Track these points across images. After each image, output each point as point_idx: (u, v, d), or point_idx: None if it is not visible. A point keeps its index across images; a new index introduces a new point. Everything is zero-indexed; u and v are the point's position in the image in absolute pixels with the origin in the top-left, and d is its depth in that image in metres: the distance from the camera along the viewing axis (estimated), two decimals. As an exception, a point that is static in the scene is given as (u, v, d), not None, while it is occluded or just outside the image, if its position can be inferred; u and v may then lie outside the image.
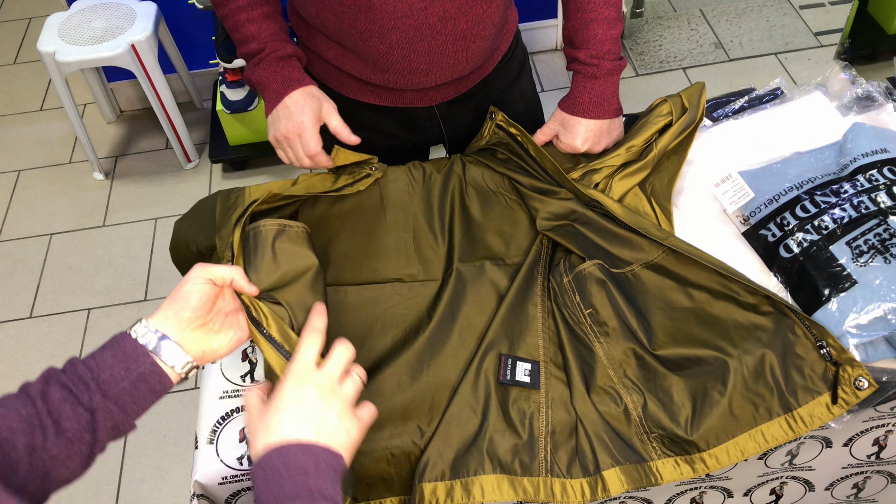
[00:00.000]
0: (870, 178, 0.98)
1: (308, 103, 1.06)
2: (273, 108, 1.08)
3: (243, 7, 1.06)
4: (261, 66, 1.08)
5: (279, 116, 1.07)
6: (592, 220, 1.05)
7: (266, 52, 1.07)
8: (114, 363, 0.69)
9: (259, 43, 1.07)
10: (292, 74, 1.08)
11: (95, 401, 0.67)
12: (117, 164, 2.62)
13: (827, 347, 0.87)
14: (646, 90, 2.68)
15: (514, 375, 0.91)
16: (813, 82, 1.21)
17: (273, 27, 1.08)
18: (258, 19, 1.06)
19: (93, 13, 2.32)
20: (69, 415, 0.65)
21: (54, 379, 0.67)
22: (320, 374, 0.73)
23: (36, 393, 0.65)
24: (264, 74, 1.07)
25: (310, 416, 0.69)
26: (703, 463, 0.86)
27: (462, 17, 1.03)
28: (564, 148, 1.13)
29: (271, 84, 1.07)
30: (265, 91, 1.09)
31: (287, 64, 1.08)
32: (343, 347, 0.76)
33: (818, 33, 2.83)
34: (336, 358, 0.75)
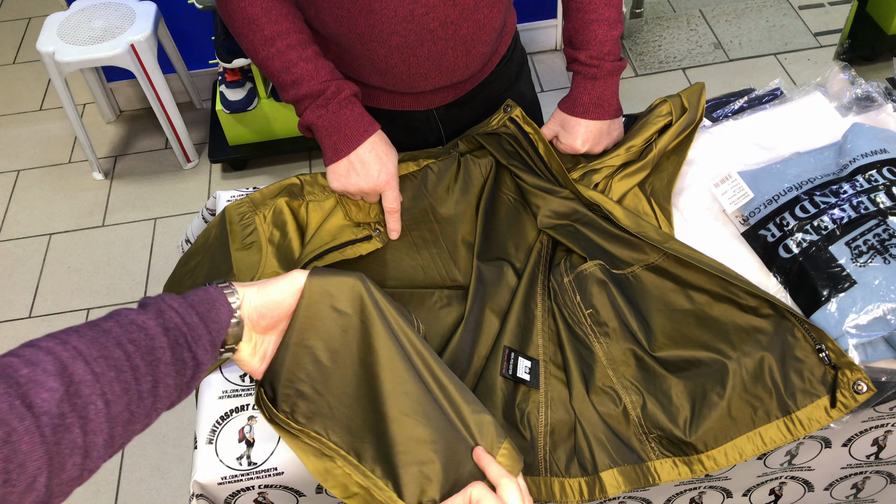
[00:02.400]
0: (869, 179, 0.98)
1: (389, 155, 1.02)
2: (343, 156, 1.00)
3: (293, 45, 0.98)
4: (329, 109, 0.99)
5: (354, 168, 1.00)
6: (593, 220, 1.05)
7: (331, 91, 0.99)
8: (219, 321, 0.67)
9: (319, 82, 0.98)
10: (364, 119, 1.02)
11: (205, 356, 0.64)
12: (117, 164, 2.62)
13: (826, 351, 0.87)
14: (645, 90, 2.68)
15: (515, 371, 0.92)
16: (812, 83, 1.21)
17: (329, 65, 1.01)
18: (313, 58, 0.99)
19: (92, 13, 2.32)
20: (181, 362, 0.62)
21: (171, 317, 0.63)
22: None
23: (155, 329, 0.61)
24: (333, 119, 1.00)
25: None
26: (701, 464, 0.86)
27: (463, 22, 1.02)
28: (564, 149, 1.13)
29: (342, 129, 1.00)
30: (332, 136, 1.00)
31: (356, 106, 1.02)
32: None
33: (817, 34, 2.83)
34: None
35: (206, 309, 0.66)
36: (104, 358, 0.54)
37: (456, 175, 1.14)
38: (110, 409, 0.54)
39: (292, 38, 0.98)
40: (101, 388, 0.53)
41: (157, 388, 0.58)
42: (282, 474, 0.92)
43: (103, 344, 0.55)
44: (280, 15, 0.98)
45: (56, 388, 0.50)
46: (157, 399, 0.59)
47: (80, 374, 0.52)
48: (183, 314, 0.63)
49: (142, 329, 0.59)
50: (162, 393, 0.59)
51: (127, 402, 0.55)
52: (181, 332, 0.62)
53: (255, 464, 0.91)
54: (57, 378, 0.51)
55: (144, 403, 0.57)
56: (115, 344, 0.56)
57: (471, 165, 1.15)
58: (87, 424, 0.52)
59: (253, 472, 0.91)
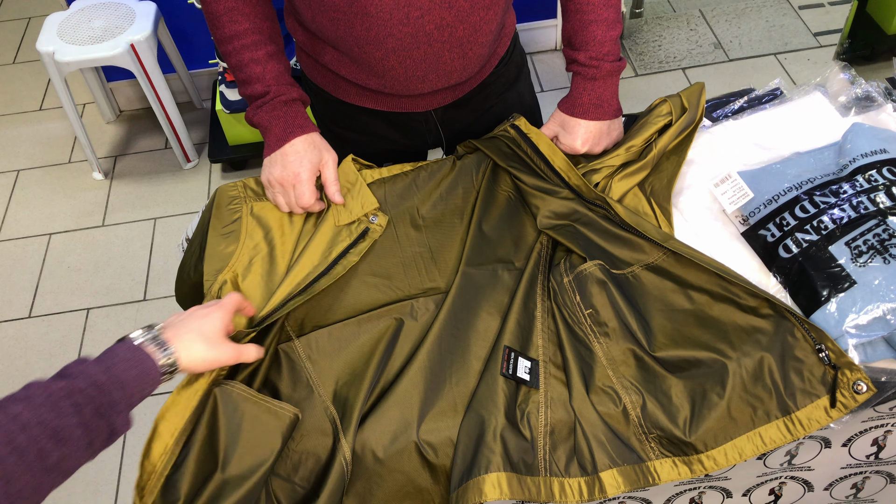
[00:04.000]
0: (869, 179, 0.98)
1: (308, 154, 1.06)
2: (272, 152, 1.07)
3: (248, 46, 1.04)
4: (263, 110, 1.06)
5: (275, 161, 1.06)
6: (593, 220, 1.05)
7: (270, 95, 1.05)
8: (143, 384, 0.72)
9: (263, 85, 1.05)
10: (295, 121, 1.07)
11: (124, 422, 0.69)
12: (116, 164, 2.62)
13: (825, 351, 0.87)
14: (645, 90, 2.68)
15: (515, 371, 0.92)
16: (812, 83, 1.21)
17: (278, 68, 1.06)
18: (263, 60, 1.05)
19: (92, 13, 2.32)
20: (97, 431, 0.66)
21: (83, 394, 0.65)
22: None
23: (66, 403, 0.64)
24: (266, 118, 1.06)
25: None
26: (700, 464, 0.86)
27: (459, 24, 1.02)
28: (564, 149, 1.13)
29: (273, 129, 1.06)
30: (266, 135, 1.08)
31: (291, 109, 1.07)
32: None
33: (817, 34, 2.83)
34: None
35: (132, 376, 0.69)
36: (7, 444, 0.58)
37: (448, 176, 1.15)
38: (10, 487, 0.57)
39: (247, 39, 1.04)
40: (3, 470, 0.57)
41: (65, 461, 0.61)
42: (282, 474, 0.91)
43: (9, 430, 0.58)
44: (241, 15, 1.03)
45: None
46: (63, 470, 0.62)
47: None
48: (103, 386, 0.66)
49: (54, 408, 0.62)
50: (70, 464, 0.62)
51: (30, 477, 0.59)
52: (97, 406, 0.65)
53: (255, 464, 0.91)
54: None
55: (50, 475, 0.60)
56: (21, 429, 0.59)
57: (465, 167, 1.15)
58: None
59: (253, 472, 0.91)
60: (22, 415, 0.60)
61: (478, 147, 1.16)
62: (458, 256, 1.06)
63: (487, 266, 1.03)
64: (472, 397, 0.91)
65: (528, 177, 1.10)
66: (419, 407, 0.89)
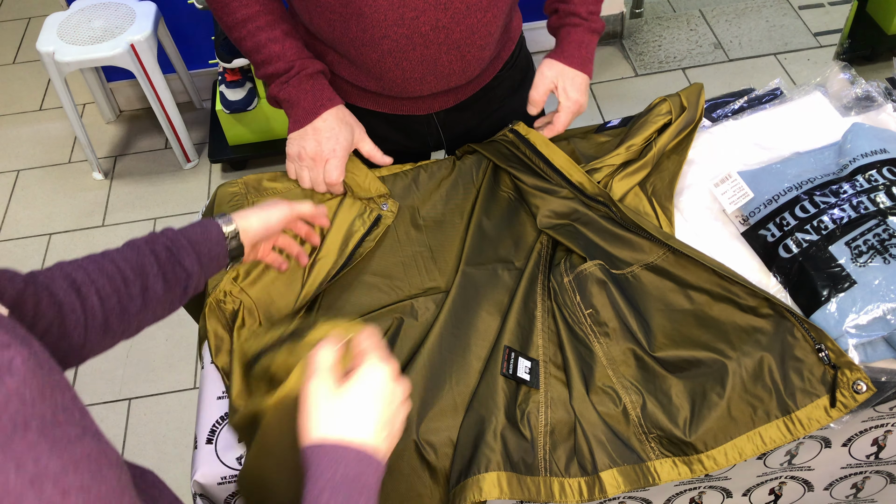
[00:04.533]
0: (869, 179, 0.98)
1: (342, 131, 1.06)
2: (301, 127, 1.06)
3: (262, 27, 1.04)
4: (290, 84, 1.05)
5: (307, 136, 1.06)
6: (593, 220, 1.05)
7: (295, 69, 1.05)
8: (209, 240, 0.85)
9: (286, 62, 1.05)
10: (323, 93, 1.07)
11: (194, 266, 0.82)
12: (116, 164, 2.62)
13: (825, 351, 0.87)
14: (645, 90, 2.68)
15: (515, 371, 0.92)
16: (812, 83, 1.21)
17: (296, 44, 1.06)
18: (280, 38, 1.04)
19: (92, 13, 2.32)
20: (172, 271, 0.80)
21: (160, 241, 0.81)
22: (396, 385, 0.70)
23: (145, 248, 0.80)
24: (294, 92, 1.05)
25: (388, 423, 0.68)
26: (700, 464, 0.86)
27: (455, 26, 1.01)
28: (572, 109, 1.13)
29: (301, 103, 1.06)
30: (294, 109, 1.07)
31: (317, 82, 1.07)
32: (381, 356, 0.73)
33: (817, 34, 2.83)
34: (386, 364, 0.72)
35: (196, 232, 0.84)
36: (99, 271, 0.75)
37: (448, 176, 1.15)
38: (104, 303, 0.73)
39: (261, 20, 1.03)
40: (96, 288, 0.73)
41: (146, 292, 0.77)
42: None
43: (100, 263, 0.76)
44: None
45: (65, 285, 0.71)
46: (146, 301, 0.77)
47: (80, 279, 0.73)
48: (171, 237, 0.82)
49: (133, 248, 0.79)
50: (151, 295, 0.78)
51: (117, 300, 0.75)
52: (169, 250, 0.81)
53: (255, 464, 0.91)
54: (65, 281, 0.72)
55: (134, 302, 0.76)
56: (109, 261, 0.76)
57: (465, 168, 1.15)
58: (86, 309, 0.72)
59: (253, 472, 0.91)
60: (110, 253, 0.78)
61: (477, 150, 1.16)
62: (458, 256, 1.06)
63: (487, 266, 1.03)
64: (473, 397, 0.90)
65: (527, 176, 1.10)
66: (419, 406, 0.89)
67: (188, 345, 2.07)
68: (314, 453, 0.65)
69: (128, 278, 0.76)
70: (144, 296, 0.77)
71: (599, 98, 2.68)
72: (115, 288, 0.75)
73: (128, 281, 0.76)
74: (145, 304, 0.78)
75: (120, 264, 0.76)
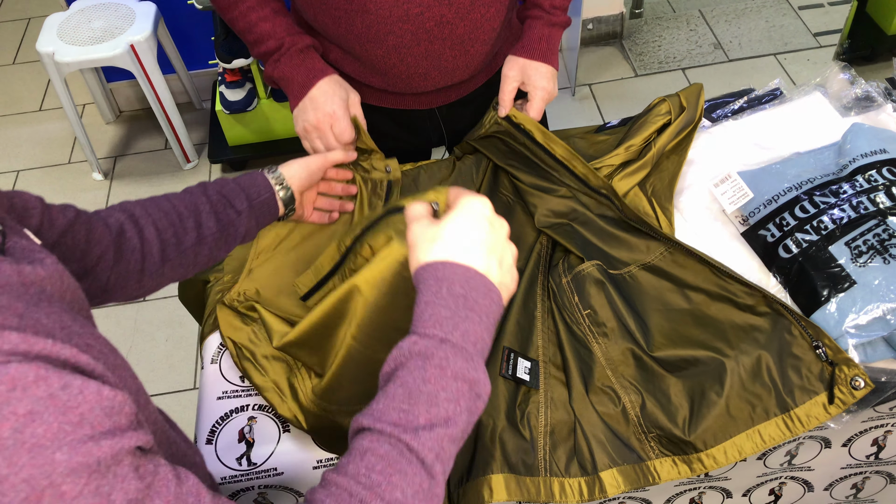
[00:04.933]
0: (869, 179, 0.98)
1: (336, 92, 1.07)
2: (299, 101, 1.08)
3: (253, 7, 1.05)
4: (282, 62, 1.07)
5: (306, 108, 1.08)
6: (591, 220, 1.05)
7: (285, 46, 1.07)
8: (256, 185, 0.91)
9: (276, 40, 1.06)
10: (315, 65, 1.08)
11: (243, 206, 0.88)
12: (116, 165, 2.62)
13: (823, 348, 0.87)
14: (645, 91, 2.68)
15: (515, 371, 0.92)
16: (812, 83, 1.21)
17: (286, 21, 1.08)
18: (270, 17, 1.06)
19: (92, 13, 2.32)
20: (224, 210, 0.87)
21: (211, 186, 0.88)
22: (496, 217, 0.69)
23: (197, 191, 0.87)
24: (287, 69, 1.07)
25: (493, 248, 0.66)
26: (700, 463, 0.86)
27: (459, 21, 1.02)
28: (542, 96, 1.12)
29: (296, 77, 1.07)
30: (290, 85, 1.09)
31: (308, 56, 1.08)
32: None
33: (817, 34, 2.83)
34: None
35: (245, 179, 0.91)
36: (155, 206, 0.82)
37: (448, 177, 1.15)
38: (161, 234, 0.80)
39: (252, 1, 1.05)
40: (153, 220, 0.80)
41: (200, 229, 0.84)
42: (281, 475, 0.92)
43: (155, 201, 0.83)
44: None
45: (119, 216, 0.79)
46: (201, 236, 0.84)
47: (137, 213, 0.80)
48: (222, 183, 0.89)
49: (187, 192, 0.86)
50: (206, 233, 0.84)
51: (173, 232, 0.82)
52: (220, 193, 0.87)
53: (255, 464, 0.91)
54: (122, 213, 0.80)
55: (188, 236, 0.83)
56: (164, 199, 0.84)
57: (465, 168, 1.15)
58: (143, 237, 0.79)
59: (253, 473, 0.91)
60: (164, 195, 0.85)
61: (476, 148, 1.16)
62: None
63: None
64: None
65: (525, 175, 1.10)
66: None
67: (188, 345, 2.07)
68: (419, 276, 0.64)
69: (182, 214, 0.83)
70: (199, 231, 0.84)
71: (599, 98, 2.68)
72: (170, 221, 0.82)
73: (182, 216, 0.83)
74: (200, 239, 0.84)
75: (174, 202, 0.84)
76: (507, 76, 1.13)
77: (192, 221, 0.83)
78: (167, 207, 0.83)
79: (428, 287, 0.62)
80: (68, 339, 0.46)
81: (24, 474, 0.38)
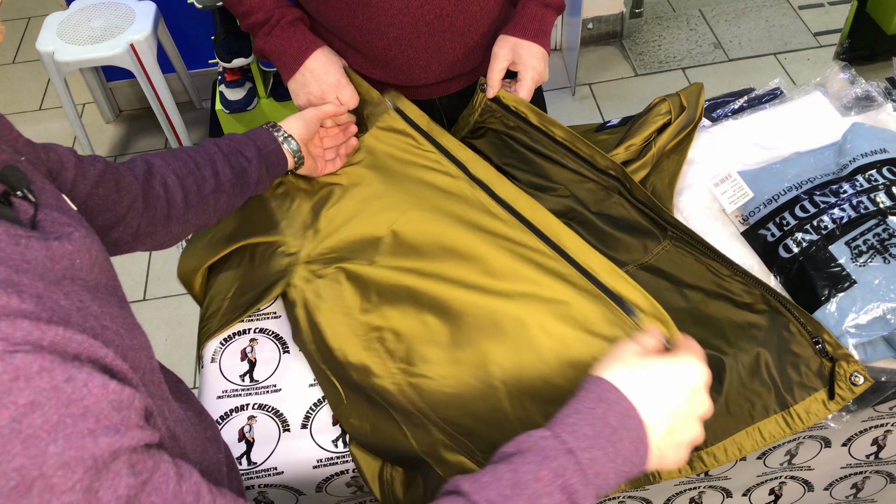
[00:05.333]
0: (869, 179, 0.98)
1: (333, 62, 1.08)
2: (294, 74, 1.09)
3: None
4: (272, 35, 1.08)
5: (306, 81, 1.08)
6: (589, 220, 1.05)
7: (274, 19, 1.07)
8: (262, 137, 0.96)
9: (265, 12, 1.07)
10: (306, 38, 1.09)
11: (252, 154, 0.94)
12: (116, 164, 2.62)
13: (823, 343, 0.86)
14: (645, 90, 2.68)
15: None
16: (812, 82, 1.21)
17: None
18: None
19: (92, 13, 2.32)
20: (236, 159, 0.92)
21: (222, 139, 0.94)
22: (703, 392, 0.66)
23: (209, 143, 0.92)
24: (277, 42, 1.08)
25: (674, 414, 0.63)
26: (701, 461, 0.86)
27: (459, 14, 1.04)
28: (532, 76, 1.10)
29: (287, 50, 1.08)
30: (281, 58, 1.09)
31: (297, 29, 1.08)
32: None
33: (817, 33, 2.83)
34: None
35: (252, 132, 0.96)
36: (173, 157, 0.88)
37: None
38: (182, 181, 0.87)
39: None
40: (172, 169, 0.87)
41: (217, 176, 0.90)
42: (281, 474, 0.92)
43: (173, 152, 0.89)
44: None
45: (141, 166, 0.85)
46: (219, 182, 0.90)
47: (157, 163, 0.86)
48: (231, 136, 0.95)
49: (201, 145, 0.92)
50: (223, 179, 0.91)
51: (193, 179, 0.88)
52: (231, 144, 0.93)
53: (255, 463, 0.91)
54: (143, 164, 0.85)
55: (207, 182, 0.89)
56: (181, 151, 0.90)
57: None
58: (166, 185, 0.85)
59: (253, 472, 0.91)
60: (184, 147, 0.91)
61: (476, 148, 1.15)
62: None
63: None
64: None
65: (523, 174, 1.10)
66: None
67: (188, 345, 2.07)
68: (589, 383, 0.63)
69: (199, 162, 0.89)
70: (216, 178, 0.90)
71: (599, 98, 2.68)
72: (189, 170, 0.88)
73: (199, 164, 0.89)
74: (218, 186, 0.90)
75: (190, 153, 0.90)
76: (497, 54, 1.09)
77: (209, 169, 0.89)
78: (184, 157, 0.89)
79: (587, 398, 0.61)
80: (84, 321, 0.46)
81: (15, 463, 0.38)
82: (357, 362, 0.92)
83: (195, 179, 0.88)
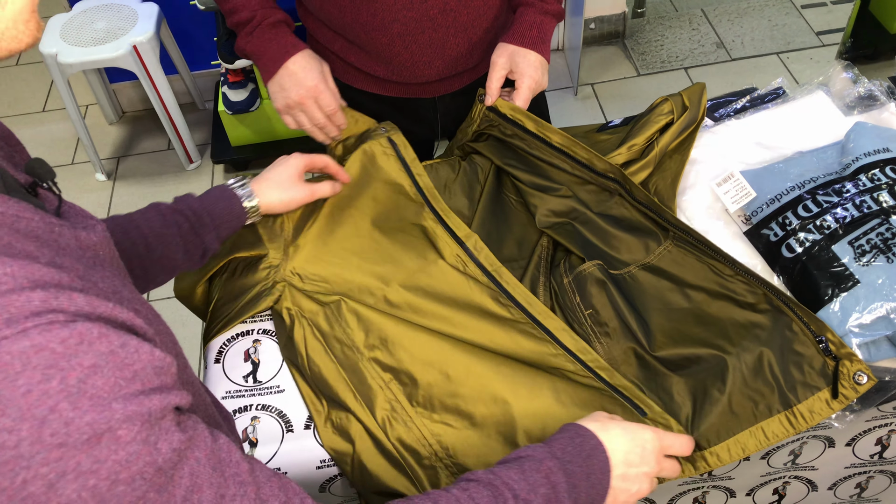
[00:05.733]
0: (872, 178, 0.98)
1: (314, 65, 1.08)
2: (272, 76, 1.08)
3: None
4: (254, 36, 1.07)
5: (285, 84, 1.07)
6: (591, 219, 1.05)
7: (257, 19, 1.06)
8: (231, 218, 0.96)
9: (249, 11, 1.06)
10: (287, 40, 1.08)
11: (213, 240, 0.94)
12: (119, 166, 2.62)
13: (826, 342, 0.86)
14: (647, 90, 2.68)
15: None
16: (815, 82, 1.21)
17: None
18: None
19: (95, 14, 2.33)
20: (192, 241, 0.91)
21: (184, 213, 0.92)
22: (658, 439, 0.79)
23: (170, 217, 0.91)
24: (258, 43, 1.07)
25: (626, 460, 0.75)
26: (704, 461, 0.86)
27: (463, 9, 1.04)
28: (529, 85, 1.10)
29: (267, 51, 1.07)
30: (261, 59, 1.09)
31: (279, 31, 1.08)
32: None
33: (820, 33, 2.82)
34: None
35: (221, 208, 0.94)
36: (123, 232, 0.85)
37: (454, 178, 1.14)
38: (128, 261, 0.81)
39: None
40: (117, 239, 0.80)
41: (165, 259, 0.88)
42: (285, 474, 0.92)
43: (125, 228, 0.86)
44: None
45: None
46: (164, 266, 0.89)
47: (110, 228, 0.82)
48: (197, 212, 0.92)
49: (161, 220, 0.89)
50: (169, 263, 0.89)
51: (139, 262, 0.85)
52: (192, 225, 0.91)
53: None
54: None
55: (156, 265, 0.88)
56: (135, 227, 0.87)
57: (470, 169, 1.15)
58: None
59: (256, 472, 0.91)
60: (136, 218, 0.88)
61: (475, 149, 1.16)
62: None
63: None
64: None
65: (524, 174, 1.10)
66: None
67: (189, 345, 2.07)
68: (567, 425, 0.76)
69: (151, 245, 0.87)
70: (162, 262, 0.89)
71: (601, 98, 2.68)
72: (136, 253, 0.86)
73: (151, 248, 0.87)
74: (163, 269, 0.90)
75: (144, 230, 0.88)
76: (495, 63, 1.10)
77: (158, 252, 0.89)
78: (135, 236, 0.87)
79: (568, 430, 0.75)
80: (121, 303, 0.50)
81: (87, 418, 0.42)
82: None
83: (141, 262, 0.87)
